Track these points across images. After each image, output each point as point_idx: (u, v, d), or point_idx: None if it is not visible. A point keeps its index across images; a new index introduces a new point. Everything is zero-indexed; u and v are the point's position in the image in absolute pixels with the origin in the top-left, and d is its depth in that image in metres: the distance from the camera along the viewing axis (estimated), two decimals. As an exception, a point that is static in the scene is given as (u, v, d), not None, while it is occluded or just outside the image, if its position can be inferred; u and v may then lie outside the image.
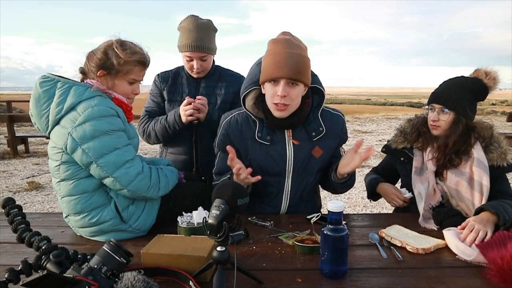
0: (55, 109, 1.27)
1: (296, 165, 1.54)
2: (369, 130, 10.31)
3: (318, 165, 1.57)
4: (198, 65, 1.89)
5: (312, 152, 1.54)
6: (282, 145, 1.53)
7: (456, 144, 1.50)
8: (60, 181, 1.33)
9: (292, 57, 1.36)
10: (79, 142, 1.24)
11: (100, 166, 1.26)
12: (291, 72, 1.35)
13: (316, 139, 1.54)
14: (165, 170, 1.44)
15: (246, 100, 1.53)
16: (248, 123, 1.56)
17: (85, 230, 1.36)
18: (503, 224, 1.27)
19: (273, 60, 1.38)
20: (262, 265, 1.14)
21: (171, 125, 1.84)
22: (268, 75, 1.40)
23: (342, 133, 1.62)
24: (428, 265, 1.13)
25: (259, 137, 1.52)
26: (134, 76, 1.39)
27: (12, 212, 1.10)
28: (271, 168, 1.54)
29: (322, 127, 1.54)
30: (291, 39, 1.42)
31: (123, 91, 1.39)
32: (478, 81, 1.51)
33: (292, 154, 1.53)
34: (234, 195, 0.94)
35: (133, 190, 1.31)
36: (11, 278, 0.92)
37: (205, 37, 1.86)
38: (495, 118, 13.15)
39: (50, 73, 1.34)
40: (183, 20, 1.91)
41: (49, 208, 4.17)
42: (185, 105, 1.78)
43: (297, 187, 1.58)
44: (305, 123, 1.53)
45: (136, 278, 0.87)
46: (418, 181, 1.57)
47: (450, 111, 1.50)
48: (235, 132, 1.55)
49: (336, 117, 1.60)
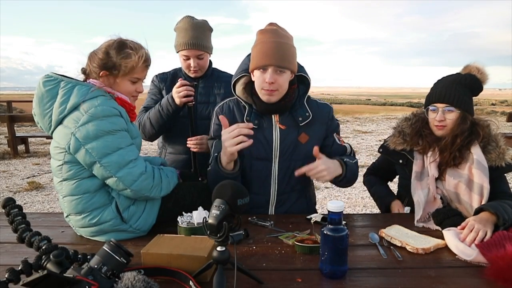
0: (58, 108, 1.27)
1: (283, 150, 1.59)
2: (369, 130, 10.31)
3: (304, 150, 1.60)
4: (195, 63, 1.91)
5: (298, 138, 1.59)
6: (269, 130, 1.59)
7: (462, 140, 1.49)
8: (62, 181, 1.33)
9: (279, 46, 1.46)
10: (82, 142, 1.25)
11: (103, 166, 1.26)
12: (279, 60, 1.45)
13: (302, 124, 1.59)
14: (166, 170, 1.45)
15: (236, 86, 1.62)
16: (238, 108, 1.64)
17: (85, 230, 1.36)
18: (502, 224, 1.27)
19: (262, 49, 1.47)
20: (262, 265, 1.14)
21: (164, 108, 1.84)
22: (257, 63, 1.48)
23: (329, 119, 1.66)
24: (428, 265, 1.13)
25: (248, 121, 1.57)
26: (136, 75, 1.39)
27: (12, 212, 1.10)
28: (259, 153, 1.59)
29: (309, 113, 1.60)
30: (278, 29, 1.50)
31: (126, 90, 1.40)
32: (473, 77, 1.51)
33: (279, 139, 1.59)
34: (234, 195, 0.94)
35: (137, 190, 1.31)
36: (11, 278, 0.92)
37: (201, 35, 1.88)
38: (495, 118, 13.17)
39: (54, 72, 1.34)
40: (179, 21, 1.92)
41: (49, 208, 4.17)
42: (178, 87, 1.79)
43: (284, 172, 1.61)
44: (291, 110, 1.60)
45: (136, 278, 0.87)
46: (419, 187, 1.54)
47: (456, 109, 1.49)
48: (227, 115, 1.59)
49: (322, 106, 1.67)
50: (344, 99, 36.61)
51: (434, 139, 1.56)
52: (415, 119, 1.63)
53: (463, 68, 1.58)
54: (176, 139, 1.99)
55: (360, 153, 6.78)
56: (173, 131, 2.00)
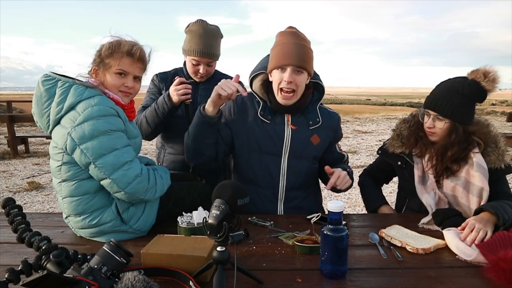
0: (56, 108, 1.27)
1: (293, 147, 1.63)
2: (369, 130, 10.31)
3: (314, 152, 1.66)
4: (204, 70, 1.92)
5: (310, 138, 1.64)
6: (281, 127, 1.63)
7: (456, 153, 1.47)
8: (62, 182, 1.32)
9: (298, 47, 1.50)
10: (77, 142, 1.23)
11: (98, 167, 1.24)
12: (298, 60, 1.48)
13: (313, 127, 1.64)
14: (160, 171, 1.42)
15: (253, 82, 1.66)
16: (252, 102, 1.68)
17: (85, 231, 1.35)
18: (502, 224, 1.27)
19: (281, 49, 1.51)
20: (262, 265, 1.14)
21: (160, 106, 1.83)
22: (276, 63, 1.53)
23: (337, 128, 1.73)
24: (428, 265, 1.13)
25: (261, 115, 1.63)
26: (121, 67, 1.34)
27: (12, 212, 1.10)
28: (269, 147, 1.63)
29: (319, 118, 1.66)
30: (298, 32, 1.55)
31: (113, 83, 1.35)
32: (475, 84, 1.44)
33: (290, 136, 1.62)
34: (234, 195, 0.94)
35: (131, 192, 1.28)
36: (11, 278, 0.92)
37: (214, 43, 1.89)
38: (495, 118, 13.16)
39: (53, 72, 1.33)
40: (192, 24, 1.91)
41: (49, 208, 4.17)
42: (177, 85, 1.78)
43: (293, 170, 1.64)
44: (304, 112, 1.65)
45: (136, 278, 0.87)
46: (424, 191, 1.53)
47: (445, 119, 1.46)
48: (239, 105, 1.67)
49: (332, 114, 1.73)
50: (344, 99, 36.68)
51: (429, 143, 1.55)
52: (413, 121, 1.63)
53: (471, 72, 1.49)
54: (175, 139, 1.99)
55: (360, 153, 6.78)
56: (172, 131, 2.00)
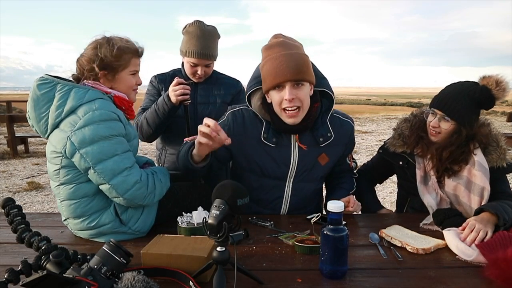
0: (55, 112, 1.24)
1: (300, 171, 1.50)
2: (369, 130, 10.30)
3: (322, 172, 1.55)
4: (202, 71, 1.93)
5: (318, 158, 1.50)
6: (287, 150, 1.48)
7: (454, 154, 1.47)
8: (60, 185, 1.31)
9: (290, 58, 1.31)
10: (77, 147, 1.21)
11: (97, 172, 1.22)
12: (294, 73, 1.30)
13: (323, 145, 1.49)
14: (159, 175, 1.40)
15: (252, 99, 1.49)
16: (254, 122, 1.49)
17: (84, 233, 1.35)
18: (503, 224, 1.27)
19: (272, 65, 1.33)
20: (262, 265, 1.14)
21: (160, 107, 1.83)
22: (271, 82, 1.34)
23: (349, 141, 1.58)
24: (428, 265, 1.13)
25: (265, 138, 1.46)
26: (133, 67, 1.38)
27: (12, 212, 1.09)
28: (272, 171, 1.50)
29: (331, 133, 1.48)
30: (285, 40, 1.37)
31: (127, 84, 1.38)
32: (486, 91, 1.43)
33: (297, 160, 1.48)
34: (234, 195, 0.94)
35: (130, 198, 1.27)
36: (11, 278, 0.92)
37: (212, 44, 1.89)
38: (495, 118, 13.15)
39: (48, 74, 1.30)
40: (189, 25, 1.91)
41: (49, 208, 4.17)
42: (175, 85, 1.78)
43: (297, 193, 1.55)
44: (312, 128, 1.47)
45: (136, 278, 0.87)
46: (426, 191, 1.53)
47: (451, 120, 1.45)
48: (239, 125, 1.49)
49: (345, 124, 1.55)
50: (344, 99, 36.61)
51: (431, 143, 1.55)
52: (414, 121, 1.62)
53: (483, 78, 1.48)
54: (176, 140, 1.99)
55: (360, 153, 6.78)
56: (172, 132, 2.00)
